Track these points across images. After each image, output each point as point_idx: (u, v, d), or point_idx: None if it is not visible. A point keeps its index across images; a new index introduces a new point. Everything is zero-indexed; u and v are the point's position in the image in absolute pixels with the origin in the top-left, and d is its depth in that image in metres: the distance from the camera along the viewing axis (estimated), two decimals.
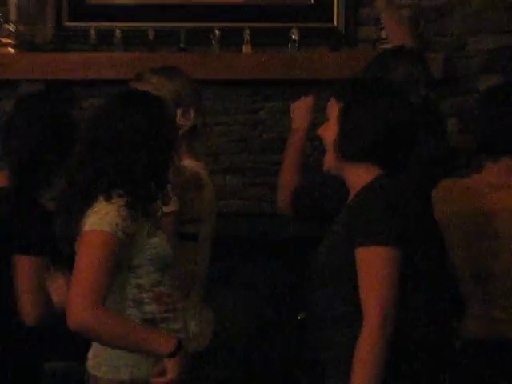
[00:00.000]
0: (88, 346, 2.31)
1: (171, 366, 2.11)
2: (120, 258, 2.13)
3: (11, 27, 3.45)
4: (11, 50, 3.47)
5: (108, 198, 2.11)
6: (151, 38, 3.42)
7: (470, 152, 3.12)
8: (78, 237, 2.15)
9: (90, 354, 2.29)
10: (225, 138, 3.46)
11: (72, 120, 2.67)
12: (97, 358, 2.26)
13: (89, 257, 2.10)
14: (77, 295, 2.10)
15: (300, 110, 2.99)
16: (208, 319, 2.74)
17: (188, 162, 2.65)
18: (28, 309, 2.59)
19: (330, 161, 2.30)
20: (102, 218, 2.10)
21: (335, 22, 3.59)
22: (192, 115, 2.65)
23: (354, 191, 2.22)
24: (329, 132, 2.26)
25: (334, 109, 2.26)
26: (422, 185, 2.72)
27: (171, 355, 2.11)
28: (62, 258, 2.43)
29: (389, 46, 3.29)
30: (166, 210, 2.46)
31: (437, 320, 2.68)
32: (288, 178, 3.03)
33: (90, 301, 2.09)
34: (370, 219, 2.15)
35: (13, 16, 3.43)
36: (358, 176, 2.23)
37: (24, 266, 2.58)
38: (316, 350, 2.31)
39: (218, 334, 2.86)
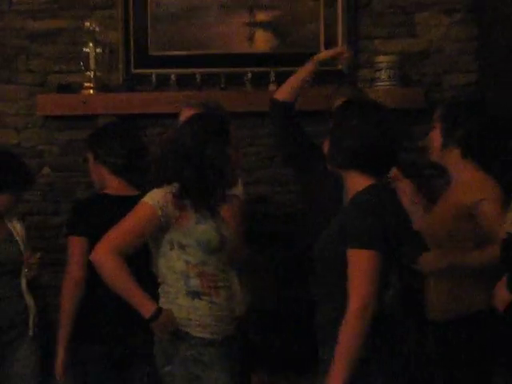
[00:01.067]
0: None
1: (153, 328, 2.55)
2: (157, 231, 2.54)
3: (91, 74, 3.97)
4: (91, 91, 4.00)
5: (161, 185, 2.55)
6: (198, 80, 3.95)
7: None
8: None
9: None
10: (256, 156, 3.98)
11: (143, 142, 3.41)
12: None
13: (129, 217, 2.55)
14: (108, 240, 2.54)
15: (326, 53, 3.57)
16: (246, 289, 3.16)
17: None
18: None
19: (330, 168, 2.66)
20: (150, 195, 2.54)
21: (340, 66, 3.94)
22: None
23: (350, 196, 2.53)
24: (325, 145, 2.64)
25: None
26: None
27: (150, 319, 2.50)
28: None
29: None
30: (230, 192, 3.00)
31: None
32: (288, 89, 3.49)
33: (113, 247, 2.53)
34: (357, 225, 2.44)
35: (92, 65, 3.96)
36: (353, 183, 2.53)
37: None
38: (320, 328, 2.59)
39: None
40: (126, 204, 2.68)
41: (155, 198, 2.56)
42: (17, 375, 3.41)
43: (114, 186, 3.22)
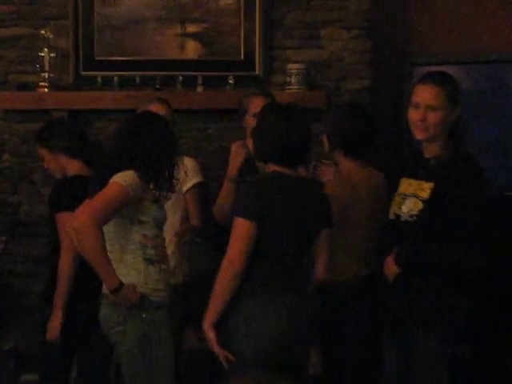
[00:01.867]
0: None
1: (116, 299, 2.76)
2: (126, 207, 2.78)
3: (46, 75, 4.39)
4: (46, 90, 4.42)
5: (121, 169, 2.80)
6: (137, 81, 4.39)
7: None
8: None
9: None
10: (185, 147, 4.28)
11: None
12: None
13: (105, 193, 2.75)
14: (88, 211, 2.72)
15: (236, 157, 3.64)
16: (183, 261, 3.76)
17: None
18: None
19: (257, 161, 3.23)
20: (121, 176, 2.78)
21: (257, 71, 4.54)
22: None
23: None
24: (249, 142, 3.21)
25: None
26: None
27: (113, 291, 2.73)
28: None
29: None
30: (185, 187, 3.68)
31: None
32: (224, 202, 3.69)
33: (93, 218, 2.71)
34: (238, 198, 3.05)
35: (46, 67, 4.39)
36: (264, 169, 3.07)
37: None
38: None
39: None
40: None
41: (127, 180, 2.84)
42: None
43: (75, 168, 3.53)
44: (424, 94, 3.04)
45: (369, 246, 3.52)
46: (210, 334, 2.90)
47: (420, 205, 3.04)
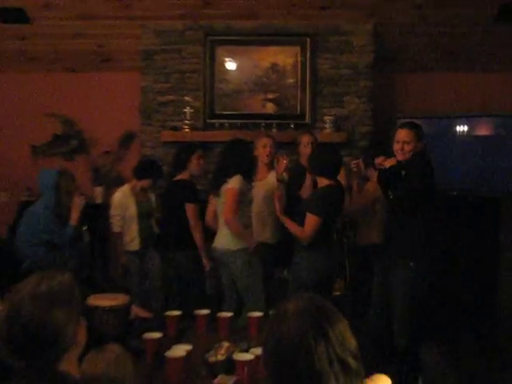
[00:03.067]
0: None
1: None
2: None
3: (187, 122, 6.16)
4: (187, 130, 6.14)
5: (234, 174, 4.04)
6: (238, 125, 6.09)
7: None
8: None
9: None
10: None
11: None
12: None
13: (231, 196, 4.09)
14: (229, 208, 4.09)
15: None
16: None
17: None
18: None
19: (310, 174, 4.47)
20: (233, 181, 4.08)
21: (307, 120, 6.21)
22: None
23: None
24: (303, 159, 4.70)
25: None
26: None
27: (251, 246, 4.14)
28: None
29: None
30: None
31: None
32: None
33: (233, 211, 4.09)
34: (312, 201, 4.20)
35: (188, 117, 6.15)
36: (321, 183, 4.27)
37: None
38: None
39: None
40: None
41: (238, 183, 4.21)
42: None
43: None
44: (402, 134, 4.12)
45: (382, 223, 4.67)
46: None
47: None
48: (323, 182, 4.32)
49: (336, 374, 1.49)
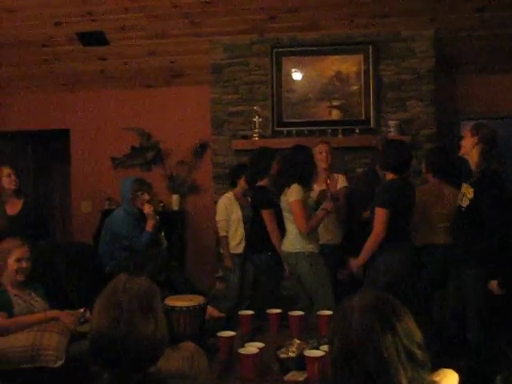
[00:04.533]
0: None
1: None
2: None
3: (256, 130, 6.25)
4: (256, 138, 6.24)
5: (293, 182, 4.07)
6: (305, 132, 6.21)
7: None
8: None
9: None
10: None
11: None
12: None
13: (297, 208, 4.12)
14: (301, 219, 4.14)
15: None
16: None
17: None
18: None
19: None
20: (295, 192, 4.11)
21: (372, 125, 6.19)
22: None
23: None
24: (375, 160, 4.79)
25: None
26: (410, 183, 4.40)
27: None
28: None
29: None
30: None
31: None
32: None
33: (306, 221, 4.20)
34: (378, 195, 4.17)
35: (257, 126, 6.23)
36: (387, 176, 4.21)
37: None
38: None
39: None
40: None
41: (299, 194, 4.23)
42: None
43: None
44: (464, 131, 4.06)
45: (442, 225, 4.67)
46: (357, 266, 4.26)
47: (467, 201, 3.96)
48: (389, 176, 4.27)
49: (404, 364, 1.47)
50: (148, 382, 1.72)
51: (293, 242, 4.43)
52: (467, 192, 3.95)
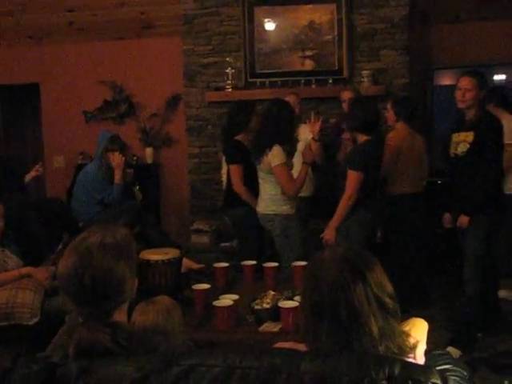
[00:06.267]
0: None
1: None
2: None
3: (229, 81, 6.16)
4: (230, 90, 6.18)
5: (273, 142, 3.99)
6: (279, 83, 6.24)
7: None
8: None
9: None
10: None
11: None
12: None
13: (282, 171, 3.99)
14: (287, 180, 4.04)
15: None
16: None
17: None
18: None
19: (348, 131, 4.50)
20: (276, 156, 3.97)
21: (345, 75, 6.12)
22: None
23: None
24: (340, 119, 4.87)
25: None
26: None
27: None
28: None
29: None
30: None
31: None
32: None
33: (293, 181, 4.11)
34: (351, 157, 4.14)
35: (230, 78, 6.14)
36: (359, 138, 4.18)
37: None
38: None
39: None
40: None
41: (280, 156, 4.13)
42: None
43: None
44: (463, 82, 3.97)
45: (417, 173, 4.88)
46: (332, 233, 4.20)
47: (467, 146, 4.01)
48: (361, 137, 4.24)
49: (374, 313, 1.49)
50: (122, 333, 1.69)
51: (268, 203, 4.36)
52: (465, 137, 4.00)
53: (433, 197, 5.06)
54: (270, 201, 4.33)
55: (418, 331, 1.67)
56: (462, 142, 4.04)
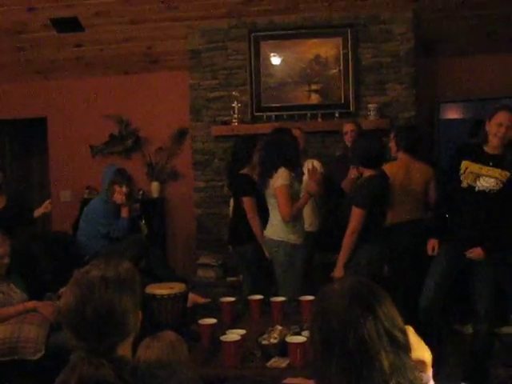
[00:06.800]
0: None
1: None
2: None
3: (235, 116, 6.15)
4: (236, 123, 6.16)
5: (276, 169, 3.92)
6: (285, 117, 6.12)
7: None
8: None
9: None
10: None
11: None
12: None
13: (283, 194, 3.98)
14: (284, 206, 4.01)
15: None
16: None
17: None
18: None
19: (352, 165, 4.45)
20: (281, 177, 3.95)
21: (351, 109, 6.10)
22: None
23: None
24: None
25: None
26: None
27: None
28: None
29: None
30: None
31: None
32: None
33: (290, 207, 4.02)
34: (355, 193, 4.10)
35: (236, 112, 6.12)
36: (364, 173, 4.13)
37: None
38: None
39: None
40: None
41: (286, 179, 4.12)
42: None
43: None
44: (505, 117, 3.88)
45: (413, 201, 4.83)
46: (341, 271, 4.10)
47: (499, 184, 3.93)
48: (366, 172, 4.21)
49: (385, 348, 1.44)
50: (126, 368, 1.66)
51: (276, 229, 4.34)
52: (499, 175, 3.95)
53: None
54: (278, 227, 4.31)
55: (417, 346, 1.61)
56: (489, 177, 3.98)
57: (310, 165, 4.70)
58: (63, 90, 7.43)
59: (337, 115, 6.27)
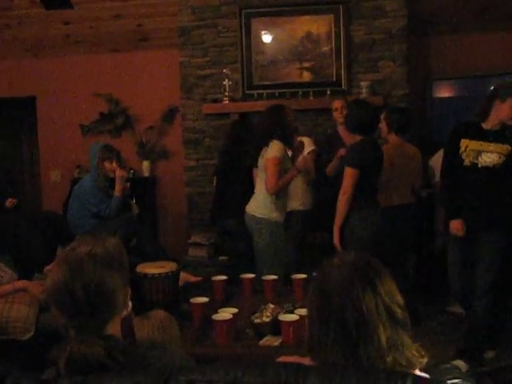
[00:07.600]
0: None
1: None
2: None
3: (226, 93, 6.08)
4: (227, 101, 6.11)
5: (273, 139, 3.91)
6: (276, 95, 6.22)
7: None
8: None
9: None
10: None
11: None
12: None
13: (272, 165, 3.96)
14: (271, 178, 3.96)
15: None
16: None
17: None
18: None
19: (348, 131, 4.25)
20: (273, 150, 3.93)
21: (343, 87, 6.07)
22: None
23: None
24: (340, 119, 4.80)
25: None
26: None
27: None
28: None
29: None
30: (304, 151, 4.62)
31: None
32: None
33: (276, 180, 3.96)
34: (347, 155, 4.17)
35: (227, 89, 6.05)
36: (355, 138, 4.15)
37: None
38: None
39: None
40: None
41: (279, 150, 4.11)
42: None
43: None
44: None
45: (406, 184, 4.84)
46: (336, 233, 4.11)
47: (503, 158, 3.92)
48: (357, 138, 4.22)
49: (383, 322, 1.44)
50: (117, 347, 1.62)
51: (259, 205, 4.30)
52: (500, 149, 3.92)
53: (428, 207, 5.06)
54: (262, 204, 4.27)
55: None
56: (490, 152, 3.94)
57: (305, 143, 4.72)
58: (52, 68, 7.34)
59: (329, 93, 6.20)
